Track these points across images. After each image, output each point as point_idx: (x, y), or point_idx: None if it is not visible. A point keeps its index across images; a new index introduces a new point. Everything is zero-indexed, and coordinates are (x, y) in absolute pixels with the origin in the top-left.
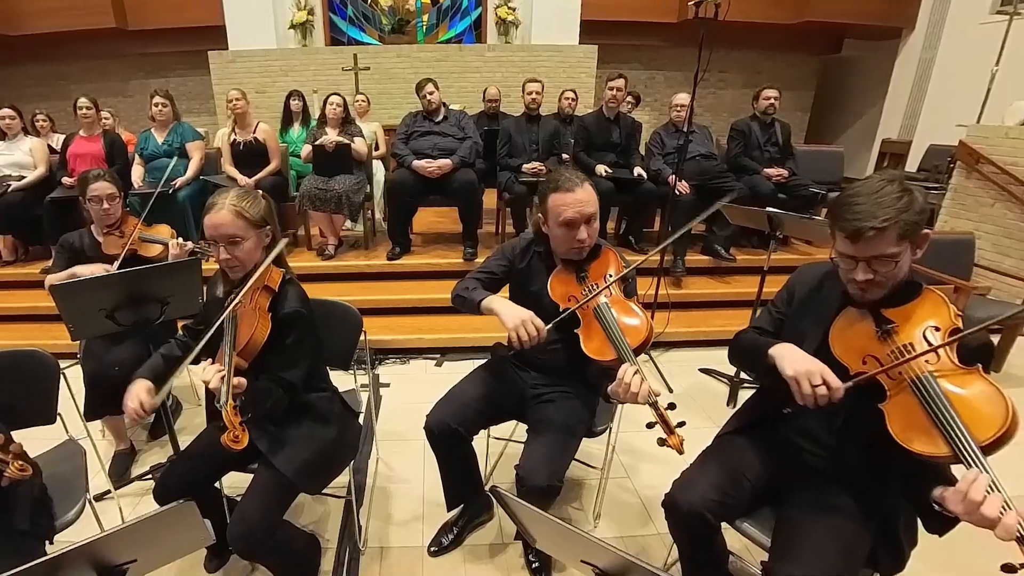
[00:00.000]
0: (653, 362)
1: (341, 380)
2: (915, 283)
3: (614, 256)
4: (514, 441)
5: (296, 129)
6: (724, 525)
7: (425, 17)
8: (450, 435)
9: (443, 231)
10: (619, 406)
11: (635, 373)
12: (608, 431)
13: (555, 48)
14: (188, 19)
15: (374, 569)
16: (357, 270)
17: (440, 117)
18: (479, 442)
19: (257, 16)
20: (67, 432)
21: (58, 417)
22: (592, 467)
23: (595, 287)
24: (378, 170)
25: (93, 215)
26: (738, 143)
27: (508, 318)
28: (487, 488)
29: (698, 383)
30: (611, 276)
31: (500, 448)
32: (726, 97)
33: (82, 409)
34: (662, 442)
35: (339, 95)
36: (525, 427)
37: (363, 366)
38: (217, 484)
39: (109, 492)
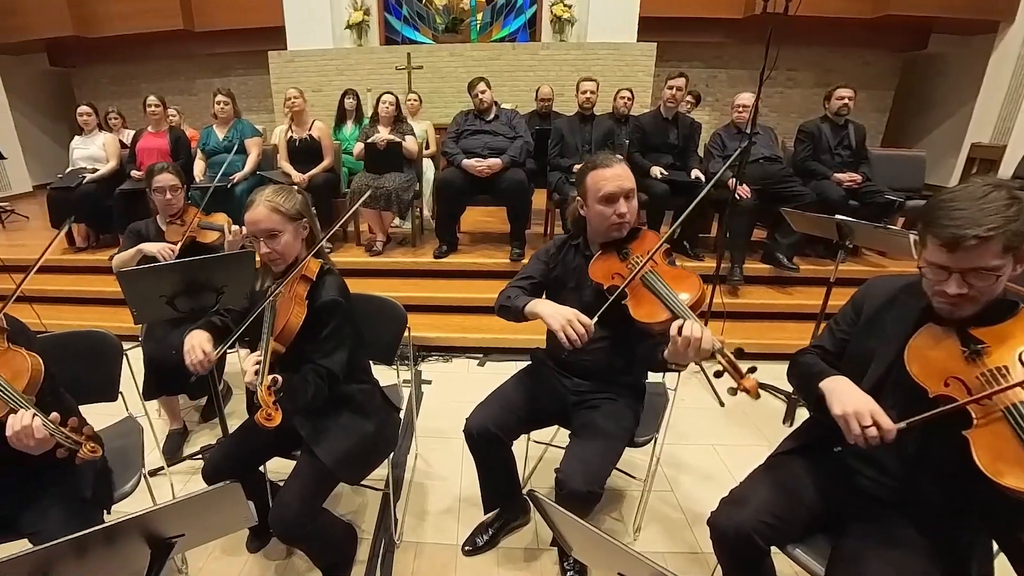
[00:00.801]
0: (704, 372)
1: (384, 375)
2: (1011, 301)
3: (653, 235)
4: (554, 446)
5: (349, 127)
6: (774, 550)
7: (479, 16)
8: (489, 439)
9: (491, 231)
10: (665, 417)
11: (693, 323)
12: (653, 441)
13: (612, 46)
14: (251, 20)
15: (407, 563)
16: (404, 267)
17: (491, 116)
18: (519, 445)
19: (315, 17)
20: (127, 409)
21: (119, 395)
22: (634, 478)
23: (640, 259)
24: (428, 168)
25: (157, 205)
26: (806, 146)
27: (553, 319)
28: (525, 492)
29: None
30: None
31: (540, 452)
32: (794, 97)
33: (141, 389)
34: (734, 391)
35: (392, 94)
36: (567, 432)
37: (406, 362)
38: (262, 468)
39: (162, 468)
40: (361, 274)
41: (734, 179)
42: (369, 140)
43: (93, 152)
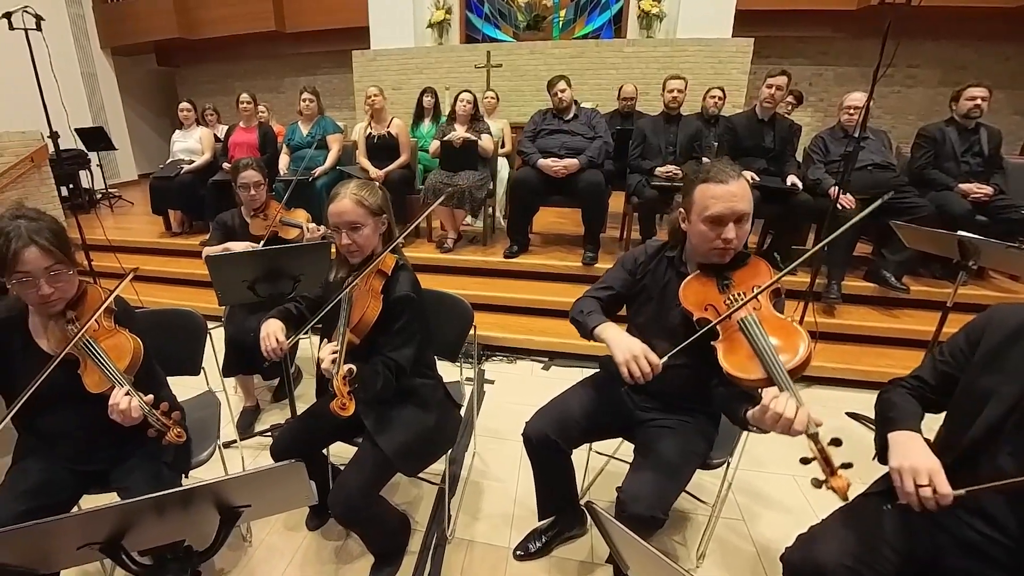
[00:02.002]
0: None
1: (447, 371)
2: None
3: (765, 267)
4: (617, 459)
5: (427, 125)
6: None
7: (562, 13)
8: (548, 446)
9: (564, 232)
10: (740, 440)
11: (790, 397)
12: (725, 465)
13: (703, 42)
14: (337, 21)
15: (458, 559)
16: (473, 265)
17: (570, 115)
18: (579, 454)
19: (398, 16)
20: (207, 384)
21: (202, 370)
22: (702, 501)
23: (741, 296)
24: (502, 167)
25: (241, 199)
26: (926, 152)
27: (618, 350)
28: (582, 502)
29: (843, 429)
30: (761, 286)
31: (601, 463)
32: (914, 97)
33: (221, 366)
34: (820, 483)
35: (470, 92)
36: (631, 446)
37: (470, 360)
38: (325, 451)
39: (235, 442)
40: (431, 270)
41: (836, 187)
42: (445, 138)
43: (190, 145)
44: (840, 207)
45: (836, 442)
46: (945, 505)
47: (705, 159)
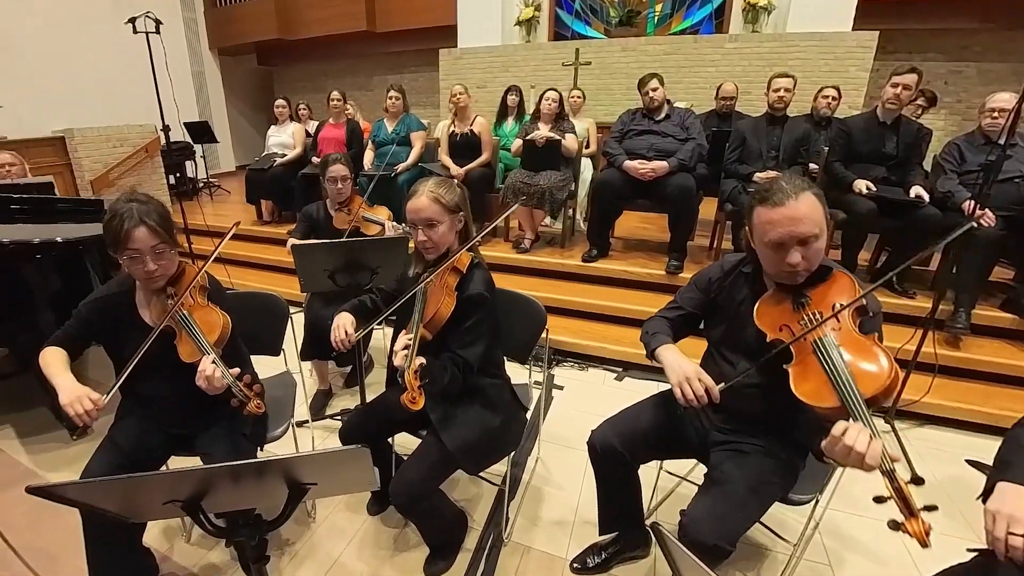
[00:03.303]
0: (896, 435)
1: (516, 373)
2: None
3: (849, 281)
4: (689, 481)
5: (510, 123)
6: None
7: (658, 8)
8: (614, 458)
9: (648, 238)
10: (834, 477)
11: (862, 429)
12: (813, 502)
13: (818, 36)
14: (426, 20)
15: (513, 563)
16: (550, 267)
17: (662, 115)
18: (648, 471)
19: (486, 14)
20: (286, 365)
21: (282, 352)
22: (783, 538)
23: (817, 316)
24: (586, 168)
25: (328, 192)
26: None
27: (672, 371)
28: (648, 523)
29: (960, 477)
30: (840, 305)
31: (672, 484)
32: None
33: (299, 349)
34: (896, 526)
35: (555, 91)
36: (704, 470)
37: (540, 363)
38: (390, 440)
39: (307, 422)
40: (506, 270)
41: (973, 201)
42: (528, 137)
43: (284, 139)
44: (977, 224)
45: (917, 481)
46: None
47: (813, 164)
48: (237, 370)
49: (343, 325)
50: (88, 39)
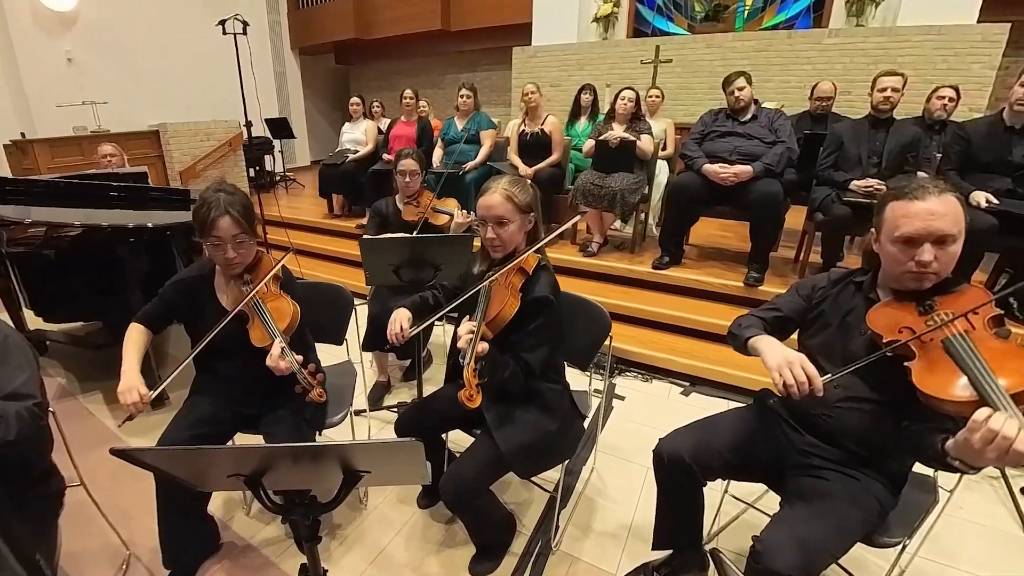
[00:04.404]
0: (1007, 483)
1: (575, 379)
2: None
3: (982, 294)
4: (757, 508)
5: (582, 123)
6: None
7: (748, 1)
8: (681, 470)
9: (725, 247)
10: (927, 522)
11: (1010, 416)
12: (900, 548)
13: (934, 30)
14: (501, 18)
15: (560, 573)
16: (617, 273)
17: (747, 116)
18: (713, 492)
19: (563, 11)
20: (348, 355)
21: (345, 341)
22: None
23: (946, 316)
24: (661, 171)
25: (399, 186)
26: None
27: (771, 357)
28: (707, 547)
29: None
30: (976, 308)
31: (737, 509)
32: None
33: (361, 340)
34: None
35: (632, 90)
36: (775, 498)
37: (601, 371)
38: (444, 436)
39: (365, 411)
40: (571, 273)
41: None
42: (601, 137)
43: (357, 136)
44: None
45: None
46: None
47: (922, 173)
48: (301, 358)
49: (399, 320)
50: (183, 40)
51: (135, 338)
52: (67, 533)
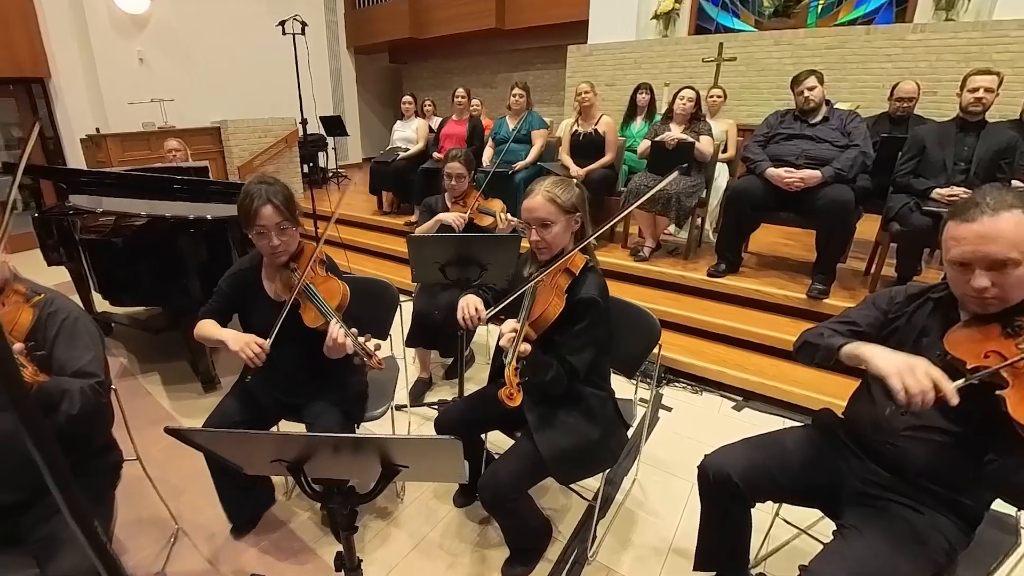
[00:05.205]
0: None
1: (621, 387)
2: None
3: None
4: (809, 534)
5: (638, 123)
6: None
7: None
8: (727, 489)
9: (787, 256)
10: (1005, 565)
11: None
12: None
13: None
14: (557, 16)
15: None
16: (670, 279)
17: (818, 118)
18: (764, 513)
19: (621, 8)
20: (391, 350)
21: (389, 336)
22: None
23: None
24: (721, 174)
25: (445, 186)
26: None
27: (886, 362)
28: (753, 571)
29: None
30: None
31: (788, 534)
32: None
33: (405, 336)
34: None
35: (692, 89)
36: (829, 525)
37: (648, 380)
38: (483, 437)
39: (405, 406)
40: (622, 278)
41: None
42: (657, 138)
43: (408, 134)
44: None
45: None
46: None
47: (1016, 181)
48: (356, 331)
49: (473, 303)
50: (244, 40)
51: (212, 322)
52: (122, 505)
